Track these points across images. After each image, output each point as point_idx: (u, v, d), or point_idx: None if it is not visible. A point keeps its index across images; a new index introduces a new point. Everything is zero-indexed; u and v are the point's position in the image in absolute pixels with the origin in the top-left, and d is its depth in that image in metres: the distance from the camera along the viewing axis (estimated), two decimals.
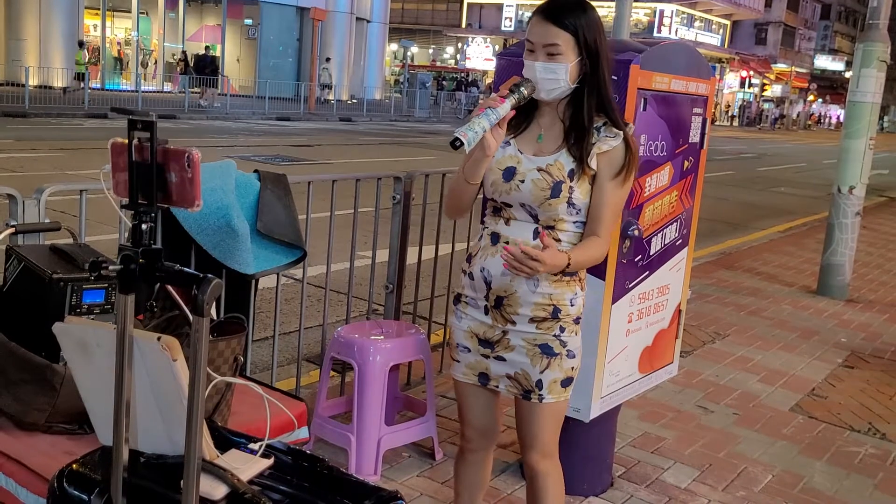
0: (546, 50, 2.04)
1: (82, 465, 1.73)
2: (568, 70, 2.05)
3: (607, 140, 2.08)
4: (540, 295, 2.13)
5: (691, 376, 4.63)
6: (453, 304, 2.31)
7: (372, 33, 37.17)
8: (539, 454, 2.28)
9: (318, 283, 5.04)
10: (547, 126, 2.15)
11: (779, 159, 24.61)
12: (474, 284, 2.21)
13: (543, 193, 2.08)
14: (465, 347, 2.26)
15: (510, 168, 2.13)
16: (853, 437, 4.01)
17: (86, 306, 2.16)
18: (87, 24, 27.84)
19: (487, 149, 2.04)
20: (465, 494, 2.49)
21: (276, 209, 3.00)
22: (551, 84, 2.06)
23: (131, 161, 1.47)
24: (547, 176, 2.09)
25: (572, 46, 2.04)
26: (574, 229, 2.14)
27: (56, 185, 2.78)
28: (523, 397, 2.22)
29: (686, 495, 3.28)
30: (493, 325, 2.20)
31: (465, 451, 2.44)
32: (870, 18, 6.68)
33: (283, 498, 1.64)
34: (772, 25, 56.37)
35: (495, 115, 2.00)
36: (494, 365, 2.23)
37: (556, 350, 2.17)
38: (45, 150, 12.41)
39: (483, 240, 2.22)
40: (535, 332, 2.16)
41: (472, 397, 2.33)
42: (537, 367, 2.17)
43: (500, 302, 2.17)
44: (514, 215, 2.15)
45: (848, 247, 6.88)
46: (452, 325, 2.30)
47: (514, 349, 2.18)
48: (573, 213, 2.11)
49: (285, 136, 18.40)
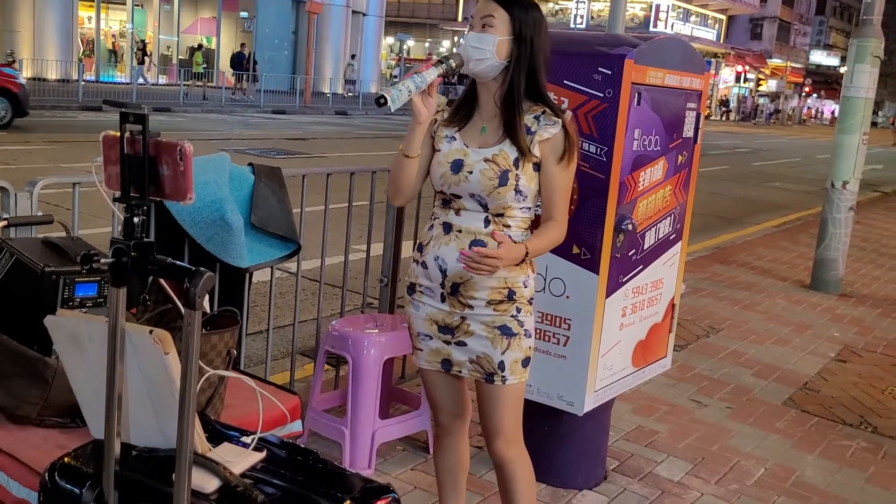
0: (482, 21, 2.14)
1: (74, 458, 1.73)
2: (496, 43, 2.12)
3: (547, 128, 2.16)
4: (495, 279, 2.19)
5: (685, 370, 4.64)
6: (408, 294, 2.34)
7: (368, 26, 37.08)
8: (504, 441, 2.31)
9: (312, 277, 5.04)
10: (488, 118, 2.23)
11: (773, 154, 24.64)
12: (428, 273, 2.25)
13: (492, 182, 2.15)
14: (426, 335, 2.31)
15: (458, 160, 2.20)
16: (845, 430, 4.03)
17: (78, 299, 2.15)
18: (81, 16, 27.72)
19: (419, 115, 2.12)
20: (447, 480, 2.52)
21: (271, 202, 3.00)
22: (479, 54, 2.12)
23: (123, 154, 1.47)
24: (494, 166, 2.16)
25: (506, 24, 2.13)
26: (521, 215, 2.22)
27: (49, 178, 2.76)
28: (486, 380, 2.26)
29: (679, 488, 3.29)
30: (451, 311, 2.24)
31: (440, 437, 2.50)
32: (864, 14, 6.68)
33: (276, 491, 1.64)
34: (767, 20, 56.37)
35: (421, 79, 2.06)
36: (456, 351, 2.27)
37: (514, 330, 2.23)
38: (38, 143, 12.37)
39: (434, 229, 2.26)
40: (492, 314, 2.22)
41: (438, 383, 2.39)
42: (498, 348, 2.22)
43: (457, 288, 2.22)
44: (464, 205, 2.21)
45: (841, 242, 6.89)
46: (410, 315, 2.34)
47: (474, 334, 2.24)
48: (520, 199, 2.19)
49: (280, 129, 18.36)
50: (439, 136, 2.26)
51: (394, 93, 2.00)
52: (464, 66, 2.14)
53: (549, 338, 2.92)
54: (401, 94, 2.02)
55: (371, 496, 1.67)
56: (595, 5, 43.47)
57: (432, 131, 2.26)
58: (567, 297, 2.89)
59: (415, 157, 2.20)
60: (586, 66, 2.75)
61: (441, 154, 2.23)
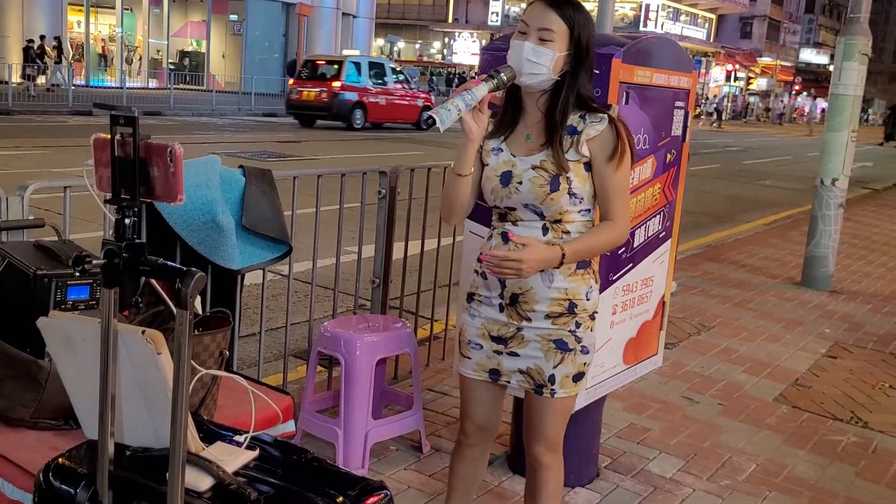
0: (539, 34, 2.06)
1: (68, 459, 1.73)
2: (554, 59, 2.06)
3: (593, 125, 2.10)
4: (556, 290, 2.14)
5: (677, 368, 4.66)
6: (466, 302, 2.30)
7: (358, 28, 37.07)
8: (545, 447, 2.29)
9: (304, 279, 5.04)
10: (532, 124, 2.17)
11: (764, 152, 24.73)
12: (488, 283, 2.21)
13: (543, 190, 2.10)
14: (478, 344, 2.26)
15: (506, 172, 2.15)
16: (836, 425, 4.05)
17: (70, 302, 2.16)
18: (70, 20, 27.65)
19: (469, 133, 2.06)
20: (459, 488, 2.49)
21: (262, 204, 3.00)
22: (534, 69, 2.06)
23: (114, 156, 1.48)
24: (543, 172, 2.10)
25: (565, 38, 2.07)
26: (580, 218, 2.15)
27: (40, 182, 2.77)
28: (535, 391, 2.23)
29: (671, 485, 3.31)
30: (508, 322, 2.20)
31: (462, 446, 2.43)
32: (851, 12, 6.73)
33: (270, 489, 1.65)
34: (757, 19, 56.62)
35: (471, 96, 1.99)
36: (507, 360, 2.23)
37: (570, 346, 2.18)
38: (28, 148, 12.33)
39: (493, 239, 2.23)
40: (550, 327, 2.17)
41: (478, 393, 2.33)
42: (551, 361, 2.18)
43: (516, 299, 2.17)
44: (521, 217, 2.16)
45: (831, 238, 6.93)
46: (465, 323, 2.29)
47: (528, 344, 2.19)
48: (576, 202, 2.12)
49: (271, 132, 18.34)
50: (486, 149, 2.20)
51: (443, 113, 1.93)
52: (515, 78, 2.08)
53: None
54: (450, 113, 1.94)
55: (365, 493, 1.68)
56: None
57: (479, 145, 2.18)
58: None
59: (468, 175, 2.15)
60: None
61: (490, 168, 2.17)
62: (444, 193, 2.22)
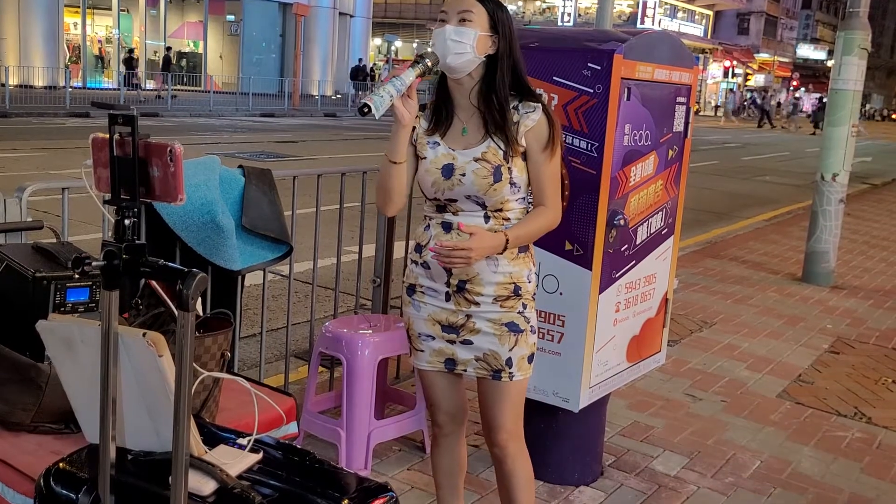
0: (459, 16, 2.12)
1: (69, 463, 1.71)
2: (476, 38, 2.11)
3: (529, 115, 2.16)
4: (501, 274, 2.19)
5: (679, 365, 4.65)
6: (407, 295, 2.32)
7: (355, 28, 37.04)
8: (507, 434, 2.31)
9: (305, 279, 5.02)
10: (466, 118, 2.21)
11: (763, 148, 24.72)
12: (431, 273, 2.23)
13: (487, 181, 2.14)
14: (428, 335, 2.29)
15: (448, 165, 2.18)
16: (840, 421, 4.04)
17: (70, 305, 2.14)
18: (67, 22, 27.57)
19: (402, 119, 2.10)
20: (446, 482, 2.51)
21: (262, 204, 2.99)
22: (458, 48, 2.11)
23: (113, 156, 1.46)
24: (486, 164, 2.15)
25: (485, 19, 2.13)
26: (519, 206, 2.21)
27: (38, 184, 2.75)
28: (493, 377, 2.25)
29: (676, 483, 3.30)
30: (457, 309, 2.23)
31: (438, 438, 2.48)
32: (850, 7, 6.71)
33: (273, 492, 1.63)
34: (754, 15, 56.54)
35: (400, 82, 2.04)
36: (461, 350, 2.26)
37: (521, 326, 2.23)
38: (26, 150, 12.30)
39: (433, 229, 2.24)
40: (500, 311, 2.21)
41: (438, 383, 2.37)
42: (506, 345, 2.22)
43: (463, 285, 2.20)
44: (461, 208, 2.19)
45: (832, 234, 6.92)
46: (411, 316, 2.31)
47: (481, 331, 2.22)
48: (515, 191, 2.19)
49: (270, 132, 18.31)
50: (421, 143, 2.23)
51: (376, 100, 1.98)
52: (440, 62, 2.12)
53: (544, 335, 2.92)
54: (383, 100, 2.00)
55: (369, 496, 1.67)
56: (582, 2, 43.52)
57: (413, 139, 2.22)
58: (560, 294, 2.89)
59: (402, 163, 2.18)
60: (575, 62, 2.75)
61: (428, 161, 2.20)
62: (379, 183, 2.24)
